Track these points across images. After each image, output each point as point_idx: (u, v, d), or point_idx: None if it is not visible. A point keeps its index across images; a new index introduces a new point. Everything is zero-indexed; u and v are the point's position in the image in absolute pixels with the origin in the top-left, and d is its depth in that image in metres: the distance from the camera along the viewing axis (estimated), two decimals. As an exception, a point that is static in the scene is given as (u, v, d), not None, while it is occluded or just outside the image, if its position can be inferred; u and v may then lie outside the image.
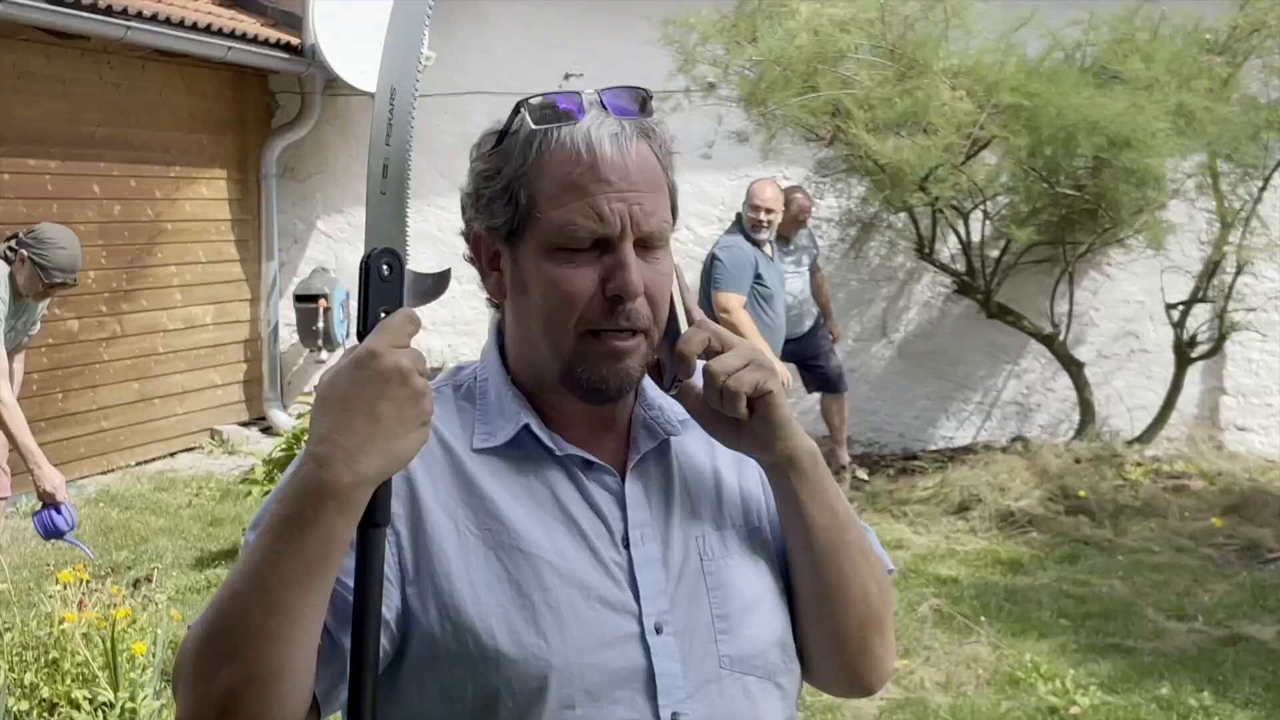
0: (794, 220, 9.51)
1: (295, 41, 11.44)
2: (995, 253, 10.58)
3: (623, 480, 1.73)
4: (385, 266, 1.52)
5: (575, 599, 1.64)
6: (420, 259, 1.49)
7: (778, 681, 1.75)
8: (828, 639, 1.78)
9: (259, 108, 12.15)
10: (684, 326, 1.73)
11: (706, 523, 1.76)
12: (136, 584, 6.58)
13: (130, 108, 10.55)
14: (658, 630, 1.66)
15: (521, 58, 11.35)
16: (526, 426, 1.70)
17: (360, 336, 1.49)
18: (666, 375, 1.75)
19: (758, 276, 8.10)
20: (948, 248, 10.77)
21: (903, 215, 10.48)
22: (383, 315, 1.50)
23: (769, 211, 8.36)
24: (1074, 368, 10.54)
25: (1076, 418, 10.67)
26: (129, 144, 10.51)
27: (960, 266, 10.61)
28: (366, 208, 1.52)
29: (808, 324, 9.69)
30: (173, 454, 11.05)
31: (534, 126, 1.65)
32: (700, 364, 1.70)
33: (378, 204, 1.53)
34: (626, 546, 1.69)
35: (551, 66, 11.32)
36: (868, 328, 11.47)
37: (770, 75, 9.32)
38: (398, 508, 1.62)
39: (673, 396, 1.77)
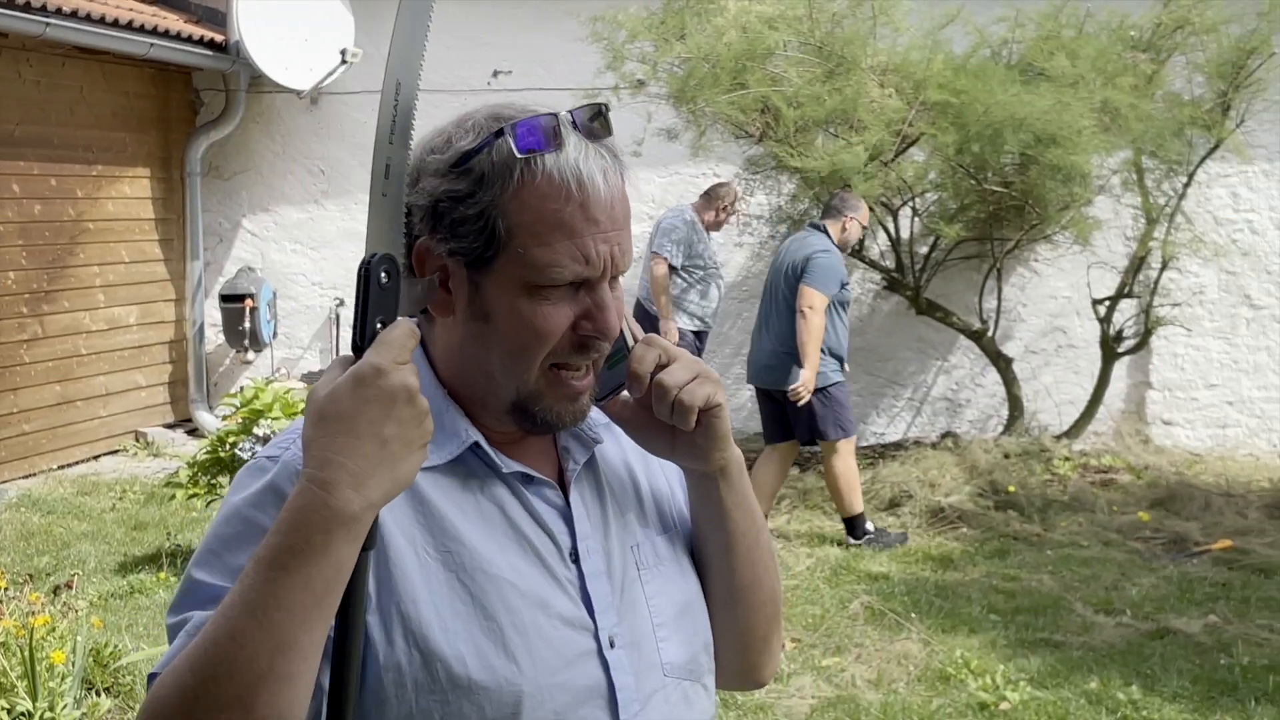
0: (726, 212, 9.87)
1: (219, 38, 11.33)
2: (924, 249, 10.63)
3: (565, 493, 1.70)
4: (384, 273, 1.42)
5: (539, 619, 1.60)
6: (347, 257, 1.43)
7: (704, 683, 1.77)
8: (737, 638, 1.82)
9: (182, 105, 12.01)
10: (628, 341, 1.70)
11: (637, 530, 1.75)
12: (56, 590, 6.46)
13: (50, 105, 10.39)
14: (611, 644, 1.64)
15: (449, 55, 11.26)
16: (474, 444, 1.65)
17: (356, 349, 1.41)
18: (601, 387, 1.71)
19: (844, 284, 8.15)
20: (877, 244, 10.79)
21: (832, 212, 10.49)
22: (379, 326, 1.42)
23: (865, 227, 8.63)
24: (1002, 363, 10.60)
25: (1005, 413, 10.73)
26: (49, 142, 10.35)
27: (889, 263, 10.65)
28: (368, 209, 1.44)
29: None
30: (96, 457, 10.89)
31: (519, 154, 1.55)
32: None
33: (379, 206, 1.44)
34: (576, 561, 1.67)
35: (480, 64, 11.28)
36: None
37: (699, 72, 9.31)
38: None
39: (598, 406, 1.74)
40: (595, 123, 1.60)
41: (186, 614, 1.49)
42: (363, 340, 1.41)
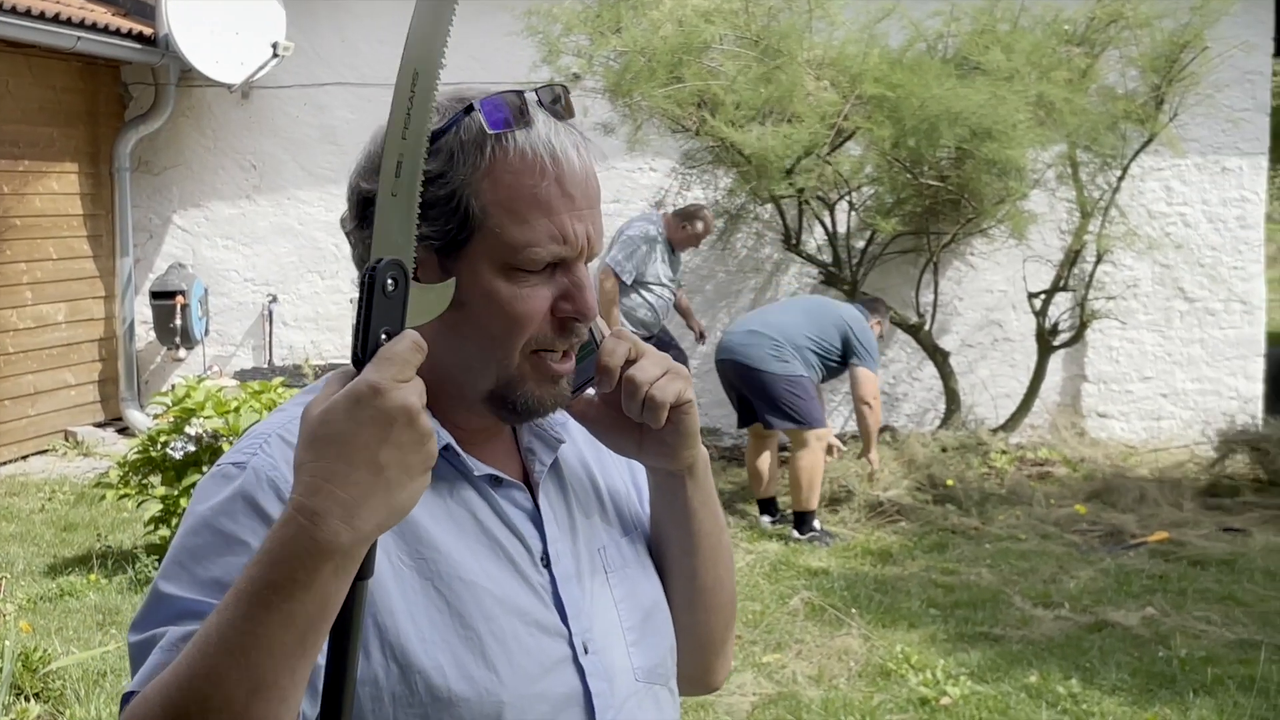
0: (695, 238, 9.70)
1: (148, 31, 11.16)
2: (861, 243, 10.64)
3: (533, 496, 1.65)
4: (391, 280, 1.31)
5: (516, 626, 1.55)
6: (280, 253, 1.38)
7: (670, 687, 1.73)
8: (696, 641, 1.78)
9: (111, 99, 11.83)
10: (596, 335, 1.64)
11: (602, 532, 1.71)
12: (-16, 594, 6.36)
13: (-25, 100, 10.21)
14: (585, 650, 1.59)
15: (383, 49, 11.18)
16: (446, 447, 1.58)
17: (357, 362, 1.30)
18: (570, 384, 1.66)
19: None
20: (814, 239, 10.80)
21: (769, 206, 10.48)
22: (384, 338, 1.31)
23: None
24: (939, 357, 10.62)
25: (942, 407, 10.76)
26: (-26, 137, 10.17)
27: (826, 257, 10.65)
28: (377, 211, 1.34)
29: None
30: (24, 457, 10.71)
31: (490, 130, 1.50)
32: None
33: (387, 207, 1.34)
34: (547, 566, 1.62)
35: (413, 57, 11.17)
36: (735, 319, 11.45)
37: (635, 66, 9.26)
38: None
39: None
40: (558, 104, 1.56)
41: (154, 630, 1.41)
42: (363, 353, 1.30)
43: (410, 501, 1.30)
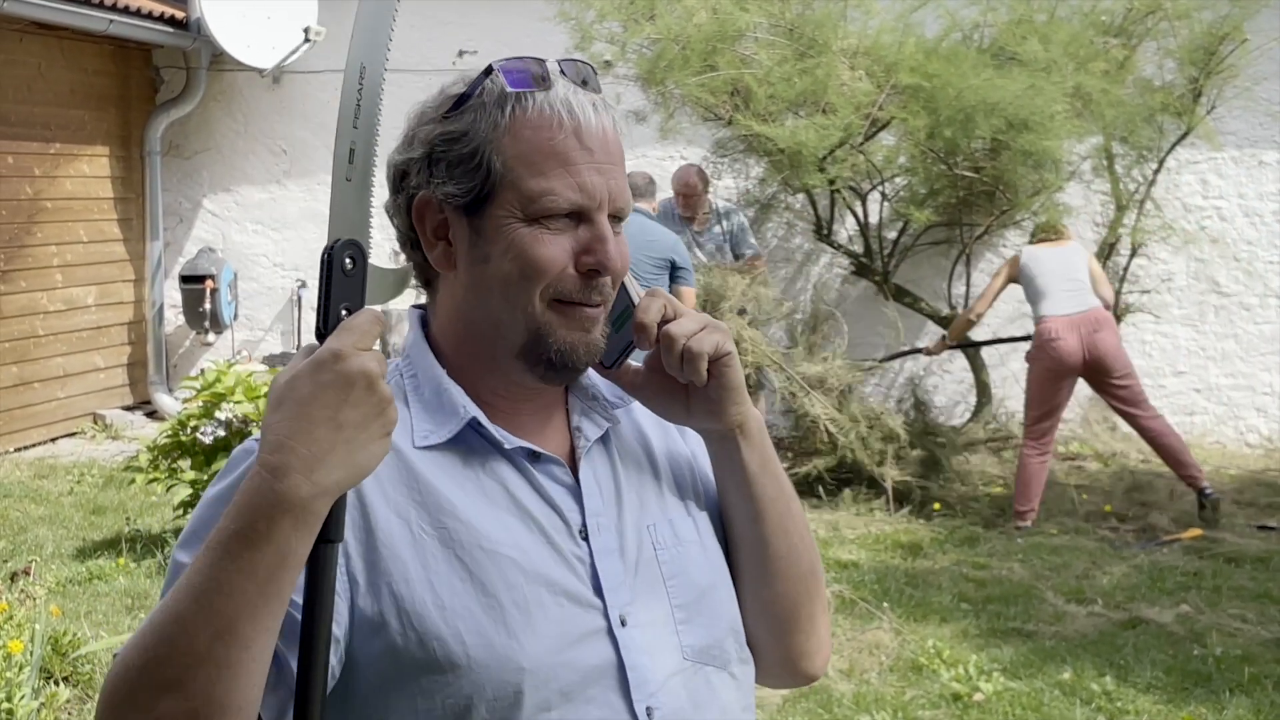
0: (687, 198, 9.55)
1: (180, 15, 11.18)
2: (893, 234, 10.56)
3: (574, 470, 1.67)
4: (349, 259, 1.41)
5: (542, 596, 1.57)
6: (310, 238, 1.39)
7: (732, 671, 1.71)
8: (777, 619, 1.76)
9: (143, 83, 11.84)
10: (634, 299, 1.68)
11: (655, 510, 1.72)
12: (14, 577, 6.35)
13: (7, 82, 10.21)
14: (623, 623, 1.60)
15: (414, 34, 11.14)
16: (473, 420, 1.62)
17: (320, 335, 1.39)
18: (608, 353, 1.69)
19: None
20: (845, 229, 10.73)
21: (801, 196, 10.43)
22: (344, 313, 1.40)
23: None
24: (970, 349, 10.54)
25: (973, 399, 10.69)
26: (6, 119, 10.18)
27: (858, 248, 10.58)
28: (331, 195, 1.41)
29: None
30: (53, 439, 10.74)
31: (509, 89, 1.58)
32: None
33: (343, 191, 1.42)
34: (585, 539, 1.63)
35: (445, 43, 11.16)
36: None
37: (669, 54, 9.21)
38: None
39: (608, 376, 1.72)
40: (579, 74, 1.63)
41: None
42: (325, 327, 1.40)
43: (371, 462, 1.37)
